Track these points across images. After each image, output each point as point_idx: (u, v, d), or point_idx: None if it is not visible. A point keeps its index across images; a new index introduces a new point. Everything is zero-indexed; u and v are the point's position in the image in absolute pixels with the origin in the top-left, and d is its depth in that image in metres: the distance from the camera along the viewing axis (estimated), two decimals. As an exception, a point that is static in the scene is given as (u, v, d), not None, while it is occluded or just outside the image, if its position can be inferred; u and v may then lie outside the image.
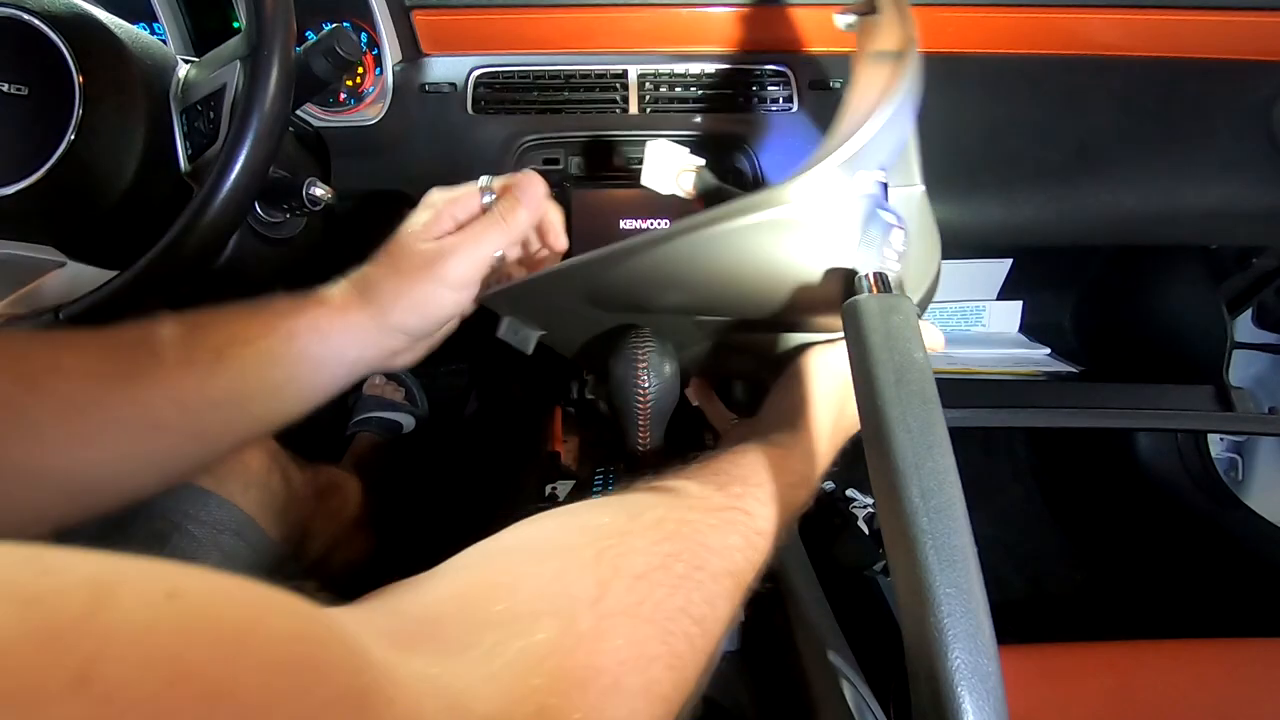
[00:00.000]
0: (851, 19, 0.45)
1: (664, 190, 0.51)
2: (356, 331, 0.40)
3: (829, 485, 0.77)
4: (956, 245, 0.59)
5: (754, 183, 0.65)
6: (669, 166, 0.50)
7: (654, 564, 0.29)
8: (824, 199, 0.35)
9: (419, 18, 0.64)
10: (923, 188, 0.48)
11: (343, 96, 0.64)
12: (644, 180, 0.51)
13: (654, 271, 0.38)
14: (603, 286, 0.41)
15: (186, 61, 0.53)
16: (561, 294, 0.42)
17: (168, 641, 0.13)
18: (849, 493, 0.77)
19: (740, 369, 0.49)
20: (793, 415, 0.40)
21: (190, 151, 0.51)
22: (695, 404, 0.57)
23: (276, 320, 0.38)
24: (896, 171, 0.49)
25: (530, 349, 0.45)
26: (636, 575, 0.28)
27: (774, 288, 0.39)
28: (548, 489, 0.61)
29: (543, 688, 0.23)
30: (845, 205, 0.35)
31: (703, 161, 0.50)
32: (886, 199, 0.39)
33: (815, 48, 0.65)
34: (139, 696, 0.12)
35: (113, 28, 0.49)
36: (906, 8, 0.39)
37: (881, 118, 0.33)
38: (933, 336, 0.45)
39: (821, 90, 0.64)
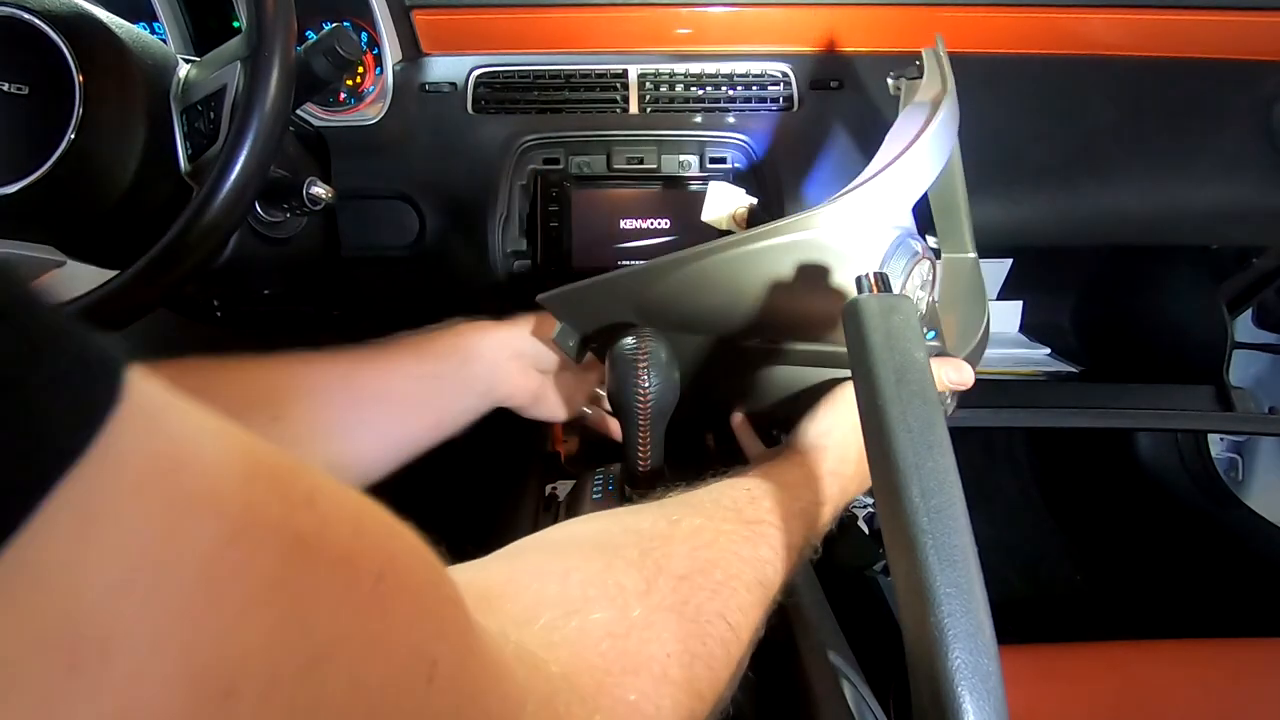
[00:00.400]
0: (901, 83, 0.52)
1: (722, 226, 0.56)
2: (503, 334, 0.51)
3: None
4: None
5: (762, 188, 0.65)
6: (726, 205, 0.56)
7: (695, 568, 0.30)
8: (852, 226, 0.37)
9: (419, 17, 0.64)
10: (975, 255, 0.54)
11: (343, 96, 0.64)
12: (705, 217, 0.57)
13: (694, 285, 0.42)
14: (649, 299, 0.44)
15: (187, 61, 0.53)
16: (612, 303, 0.45)
17: (352, 507, 0.17)
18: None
19: (776, 405, 0.52)
20: (821, 440, 0.43)
21: (190, 151, 0.51)
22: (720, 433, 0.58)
23: (452, 324, 0.51)
24: (949, 239, 0.55)
25: (581, 359, 0.49)
26: (680, 576, 0.29)
27: (803, 308, 0.41)
28: (548, 489, 0.61)
29: (599, 666, 0.24)
30: (872, 233, 0.38)
31: (754, 201, 0.55)
32: (919, 232, 0.41)
33: (815, 48, 0.65)
34: (343, 531, 0.16)
35: (113, 27, 0.49)
36: (948, 69, 0.44)
37: (914, 156, 0.36)
38: (963, 374, 0.46)
39: (821, 90, 0.64)
